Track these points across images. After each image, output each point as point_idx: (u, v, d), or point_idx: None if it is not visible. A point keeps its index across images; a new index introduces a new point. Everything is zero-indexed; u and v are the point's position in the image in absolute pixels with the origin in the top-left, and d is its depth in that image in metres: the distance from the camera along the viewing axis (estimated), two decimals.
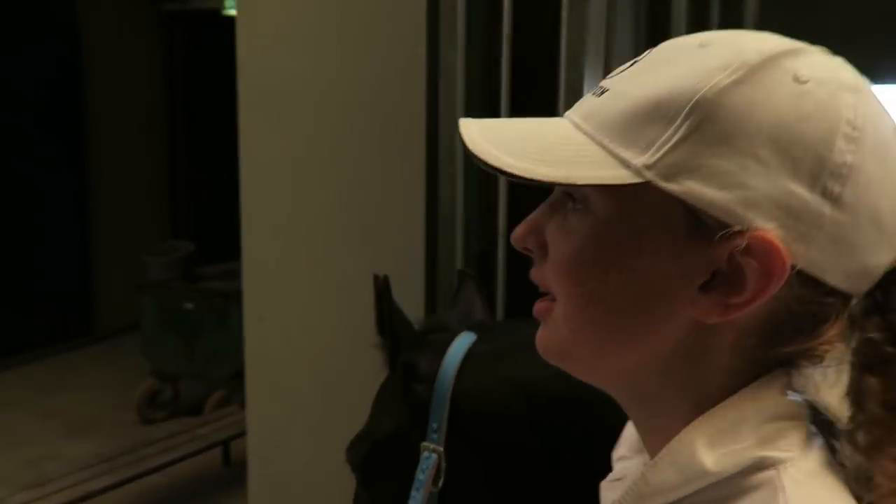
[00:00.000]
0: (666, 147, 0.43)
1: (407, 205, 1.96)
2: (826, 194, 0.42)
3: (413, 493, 0.90)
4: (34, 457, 3.65)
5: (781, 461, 0.43)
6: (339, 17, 2.02)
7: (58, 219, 5.32)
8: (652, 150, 0.43)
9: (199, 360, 4.04)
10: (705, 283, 0.44)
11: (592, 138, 0.45)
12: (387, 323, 0.98)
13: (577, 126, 0.47)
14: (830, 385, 0.46)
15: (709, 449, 0.44)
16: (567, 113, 0.50)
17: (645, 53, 0.49)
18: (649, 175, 0.43)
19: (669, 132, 0.43)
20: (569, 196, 0.48)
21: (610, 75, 0.50)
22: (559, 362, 0.52)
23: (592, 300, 0.47)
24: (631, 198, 0.44)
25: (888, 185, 0.43)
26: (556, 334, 0.50)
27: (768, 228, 0.42)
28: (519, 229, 0.51)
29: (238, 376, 4.01)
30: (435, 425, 0.90)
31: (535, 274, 0.51)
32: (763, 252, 0.42)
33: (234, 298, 3.92)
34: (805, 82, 0.42)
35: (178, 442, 3.12)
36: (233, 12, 6.12)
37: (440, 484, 0.89)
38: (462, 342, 0.94)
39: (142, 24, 6.18)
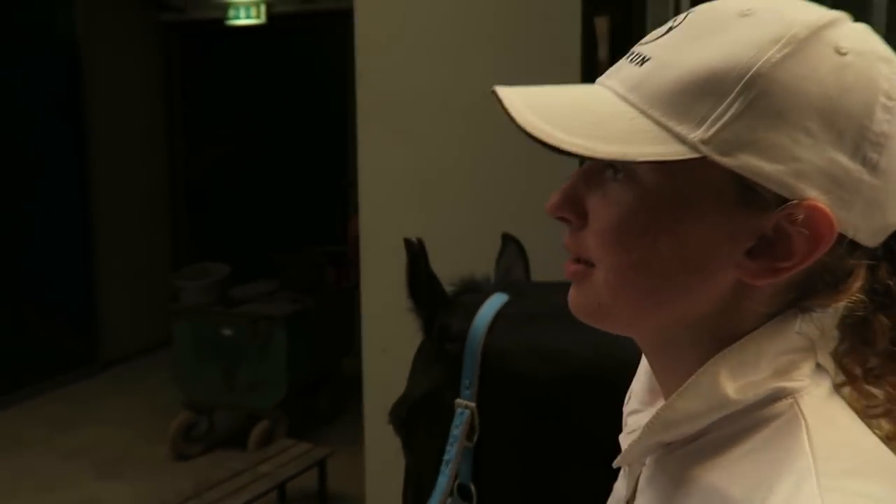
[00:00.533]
0: (721, 121, 0.43)
1: (556, 224, 1.81)
2: (865, 162, 0.44)
3: (448, 447, 0.92)
4: (72, 502, 3.36)
5: (796, 390, 0.47)
6: (476, 18, 1.86)
7: (60, 239, 5.01)
8: (707, 125, 0.43)
9: (240, 390, 3.80)
10: (751, 249, 0.46)
11: (642, 111, 0.45)
12: (423, 287, 0.99)
13: (621, 97, 0.47)
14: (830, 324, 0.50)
15: (731, 379, 0.47)
16: (602, 79, 0.49)
17: (681, 17, 0.48)
18: (706, 150, 0.43)
19: (724, 106, 0.43)
20: (609, 166, 0.48)
21: (644, 41, 0.49)
22: (594, 322, 0.53)
23: (639, 267, 0.48)
24: (682, 170, 0.45)
25: None
26: (595, 298, 0.51)
27: (818, 197, 0.43)
28: (555, 198, 0.51)
29: (281, 405, 3.79)
30: (467, 382, 0.93)
31: (570, 242, 0.52)
32: (813, 220, 0.44)
33: (279, 323, 3.71)
34: (845, 54, 0.44)
35: (242, 482, 2.88)
36: (238, 22, 5.91)
37: (475, 439, 0.92)
38: (493, 303, 0.96)
39: (140, 35, 5.92)
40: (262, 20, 5.80)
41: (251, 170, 6.18)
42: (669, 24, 0.48)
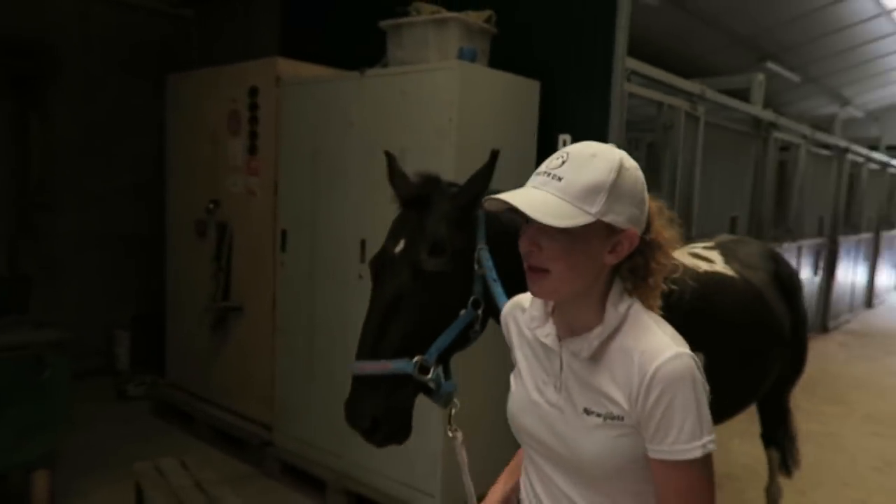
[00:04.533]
0: (601, 204, 1.10)
1: None
2: (641, 210, 1.15)
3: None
4: None
5: (633, 303, 1.19)
6: None
7: None
8: (595, 206, 1.09)
9: (6, 443, 2.96)
10: (610, 250, 1.14)
11: (570, 203, 1.09)
12: (396, 178, 1.68)
13: (559, 198, 1.10)
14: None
15: (615, 308, 1.17)
16: (541, 187, 1.11)
17: (565, 155, 1.13)
18: (599, 216, 1.10)
19: (600, 198, 1.10)
20: (553, 227, 1.08)
21: (552, 168, 1.12)
22: (548, 297, 1.22)
23: (573, 269, 1.13)
24: (588, 225, 1.09)
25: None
26: (549, 287, 1.15)
27: (632, 227, 1.14)
28: (525, 244, 1.15)
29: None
30: (482, 239, 1.62)
31: (536, 260, 1.14)
32: (632, 235, 1.14)
33: (60, 351, 3.16)
34: (629, 168, 1.14)
35: None
36: None
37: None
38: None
39: None
40: None
41: None
42: (562, 157, 1.12)
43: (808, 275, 7.81)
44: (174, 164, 4.70)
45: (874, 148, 10.99)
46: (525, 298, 1.35)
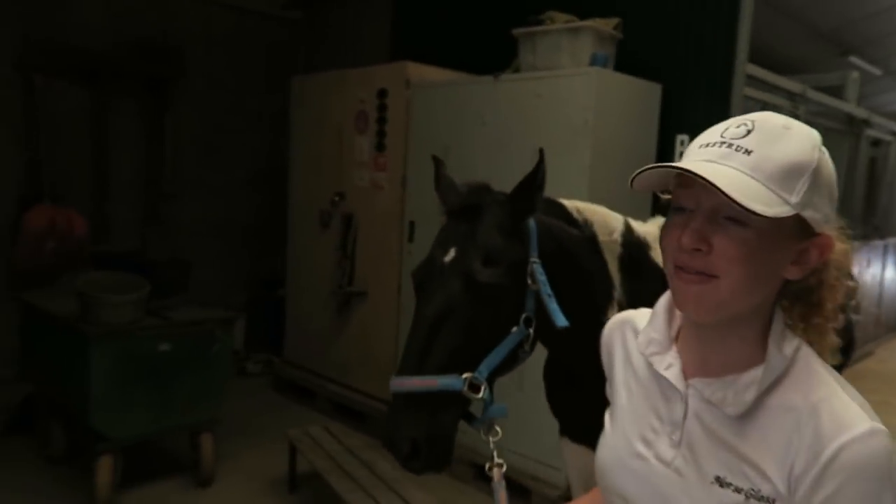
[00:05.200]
0: (802, 191, 0.82)
1: None
2: (833, 210, 0.86)
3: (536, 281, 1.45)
4: None
5: (802, 344, 0.88)
6: None
7: None
8: (795, 194, 0.81)
9: (177, 411, 3.35)
10: (793, 260, 0.86)
11: (764, 185, 0.81)
12: (442, 186, 1.58)
13: (749, 175, 0.81)
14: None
15: (779, 347, 0.87)
16: (723, 162, 0.83)
17: (749, 123, 0.85)
18: (798, 209, 0.81)
19: (801, 183, 0.82)
20: (727, 216, 0.82)
21: (734, 137, 0.84)
22: (710, 313, 0.87)
23: (753, 276, 0.83)
24: (778, 220, 0.80)
25: None
26: (716, 297, 0.84)
27: (828, 231, 0.86)
28: (690, 240, 0.84)
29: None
30: (534, 252, 1.48)
31: (699, 262, 0.84)
32: (825, 243, 0.86)
33: (227, 327, 3.53)
34: (826, 151, 0.86)
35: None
36: None
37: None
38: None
39: None
40: None
41: None
42: (745, 124, 0.85)
43: (892, 274, 7.77)
44: (297, 158, 5.05)
45: None
46: (638, 316, 1.07)
